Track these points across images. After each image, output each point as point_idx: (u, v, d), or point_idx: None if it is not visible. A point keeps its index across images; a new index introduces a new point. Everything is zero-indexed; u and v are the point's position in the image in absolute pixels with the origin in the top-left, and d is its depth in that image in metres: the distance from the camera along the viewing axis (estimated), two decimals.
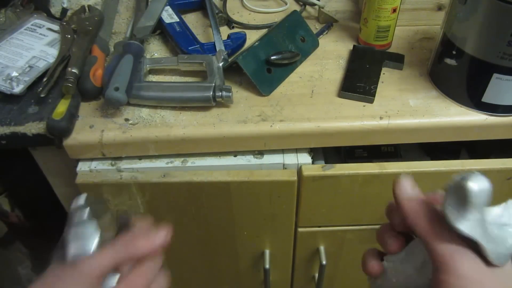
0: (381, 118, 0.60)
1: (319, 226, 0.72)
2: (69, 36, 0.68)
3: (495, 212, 0.30)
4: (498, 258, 0.27)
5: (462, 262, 0.27)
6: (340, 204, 0.67)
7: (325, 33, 0.74)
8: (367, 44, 0.70)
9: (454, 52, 0.58)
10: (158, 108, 0.62)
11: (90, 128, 0.59)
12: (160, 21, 0.72)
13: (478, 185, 0.27)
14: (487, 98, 0.58)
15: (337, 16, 0.78)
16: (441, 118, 0.60)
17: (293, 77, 0.67)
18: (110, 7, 0.78)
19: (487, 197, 0.27)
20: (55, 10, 0.79)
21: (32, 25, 0.72)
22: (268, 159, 0.63)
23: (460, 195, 0.27)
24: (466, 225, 0.27)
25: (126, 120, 0.60)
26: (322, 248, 0.76)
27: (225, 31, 0.74)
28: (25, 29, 0.71)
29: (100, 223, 0.36)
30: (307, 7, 0.80)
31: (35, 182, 0.75)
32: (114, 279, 0.35)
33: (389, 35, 0.69)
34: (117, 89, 0.57)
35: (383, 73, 0.67)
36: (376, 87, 0.63)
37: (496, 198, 0.72)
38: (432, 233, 0.29)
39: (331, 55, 0.71)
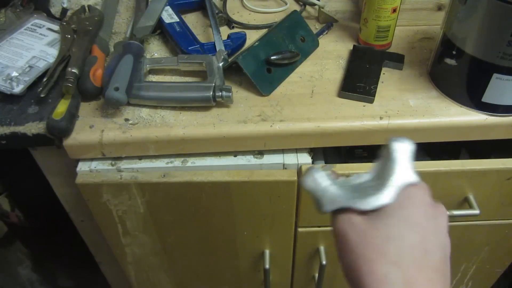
0: (381, 118, 0.60)
1: (319, 226, 0.72)
2: (69, 36, 0.68)
3: (356, 180, 0.36)
4: (366, 204, 0.32)
5: (335, 228, 0.33)
6: None
7: (325, 33, 0.74)
8: (367, 44, 0.70)
9: (454, 52, 0.58)
10: (158, 108, 0.62)
11: (90, 128, 0.59)
12: (160, 21, 0.72)
13: (307, 181, 0.35)
14: (487, 98, 0.58)
15: (337, 16, 0.78)
16: (441, 118, 0.60)
17: (293, 77, 0.67)
18: (110, 7, 0.78)
19: (319, 180, 0.34)
20: (55, 10, 0.79)
21: (32, 25, 0.72)
22: (268, 159, 0.63)
23: (311, 196, 0.35)
24: (325, 200, 0.34)
25: (126, 120, 0.60)
26: (322, 248, 0.76)
27: (225, 31, 0.74)
28: (25, 29, 0.71)
29: None
30: (307, 7, 0.80)
31: (35, 182, 0.75)
32: None
33: (389, 35, 0.69)
34: (117, 89, 0.57)
35: (383, 73, 0.67)
36: (376, 87, 0.63)
37: (496, 198, 0.72)
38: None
39: (331, 55, 0.71)
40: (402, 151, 0.34)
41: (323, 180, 0.35)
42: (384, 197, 0.32)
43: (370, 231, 0.31)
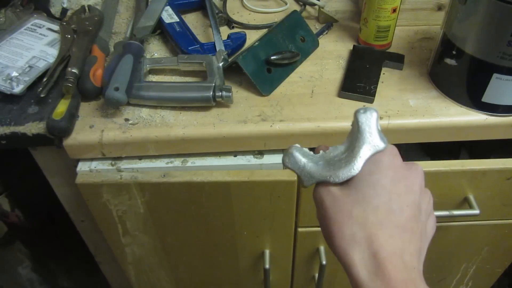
0: (381, 118, 0.60)
1: (319, 226, 0.72)
2: (69, 36, 0.68)
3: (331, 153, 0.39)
4: (338, 178, 0.36)
5: (314, 199, 0.38)
6: None
7: (325, 33, 0.74)
8: (367, 44, 0.70)
9: (454, 52, 0.58)
10: (158, 108, 0.62)
11: (90, 128, 0.59)
12: (160, 21, 0.72)
13: (287, 161, 0.38)
14: (487, 98, 0.58)
15: (337, 16, 0.78)
16: (441, 118, 0.60)
17: (293, 77, 0.67)
18: (110, 7, 0.78)
19: (297, 159, 0.38)
20: (55, 10, 0.79)
21: (32, 25, 0.72)
22: (268, 159, 0.63)
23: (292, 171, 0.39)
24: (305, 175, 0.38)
25: (126, 120, 0.60)
26: (322, 248, 0.76)
27: (225, 31, 0.74)
28: (25, 29, 0.71)
29: None
30: (307, 7, 0.80)
31: (35, 182, 0.75)
32: None
33: (389, 35, 0.69)
34: (117, 89, 0.57)
35: (383, 73, 0.67)
36: (376, 87, 0.63)
37: (496, 198, 0.72)
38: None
39: (331, 55, 0.71)
40: (367, 120, 0.36)
41: (300, 159, 0.38)
42: (353, 169, 0.35)
43: (341, 198, 0.35)
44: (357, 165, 0.35)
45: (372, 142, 0.36)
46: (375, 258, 0.31)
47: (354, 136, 0.37)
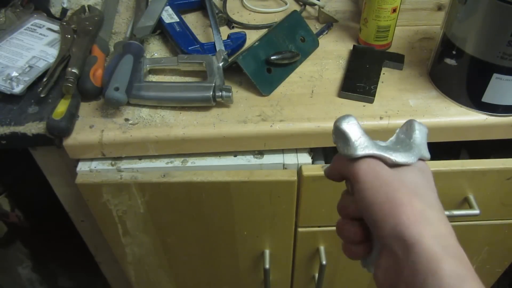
0: (381, 118, 0.60)
1: (319, 226, 0.72)
2: (69, 36, 0.68)
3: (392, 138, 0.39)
4: (397, 157, 0.35)
5: (362, 171, 0.35)
6: None
7: (325, 33, 0.74)
8: (367, 44, 0.70)
9: (454, 52, 0.58)
10: (158, 108, 0.62)
11: (90, 128, 0.59)
12: (160, 21, 0.72)
13: (345, 123, 0.36)
14: (487, 98, 0.58)
15: (337, 16, 0.78)
16: (441, 118, 0.60)
17: (293, 77, 0.67)
18: (110, 7, 0.78)
19: (355, 127, 0.36)
20: (55, 10, 0.79)
21: (32, 25, 0.72)
22: (268, 159, 0.63)
23: (338, 135, 0.37)
24: (356, 149, 0.36)
25: (126, 120, 0.60)
26: (322, 248, 0.76)
27: (225, 31, 0.74)
28: (25, 29, 0.71)
29: None
30: (307, 7, 0.80)
31: (35, 182, 0.75)
32: None
33: (389, 35, 0.69)
34: (117, 89, 0.57)
35: (383, 73, 0.67)
36: (376, 87, 0.63)
37: (496, 198, 0.72)
38: (343, 167, 0.37)
39: (331, 55, 0.71)
40: (422, 130, 0.38)
41: (359, 128, 0.36)
42: (411, 156, 0.35)
43: (400, 175, 0.34)
44: (415, 156, 0.35)
45: (423, 147, 0.37)
46: (446, 239, 0.31)
47: (406, 137, 0.38)
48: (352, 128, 0.36)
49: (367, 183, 0.34)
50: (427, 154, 0.37)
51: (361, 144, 0.35)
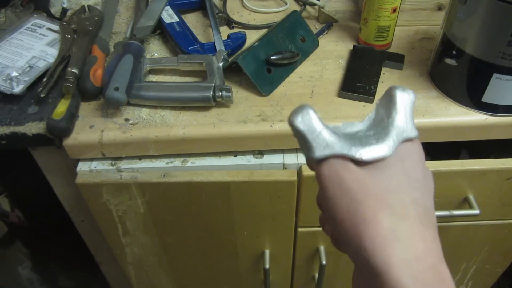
0: None
1: (319, 226, 0.72)
2: (69, 36, 0.68)
3: (355, 127, 0.33)
4: (366, 154, 0.29)
5: (323, 176, 0.30)
6: None
7: (325, 33, 0.74)
8: (367, 44, 0.70)
9: (454, 52, 0.58)
10: (158, 108, 0.62)
11: (90, 128, 0.59)
12: (160, 21, 0.72)
13: (299, 119, 0.30)
14: (487, 98, 0.58)
15: (337, 16, 0.78)
16: (441, 118, 0.60)
17: (293, 77, 0.67)
18: (110, 7, 0.78)
19: (312, 121, 0.30)
20: (55, 10, 0.79)
21: (32, 25, 0.72)
22: (268, 159, 0.63)
23: (294, 132, 0.31)
24: (315, 149, 0.30)
25: (126, 120, 0.60)
26: (322, 248, 0.76)
27: (225, 31, 0.74)
28: (25, 29, 0.71)
29: None
30: (307, 7, 0.80)
31: (35, 182, 0.75)
32: None
33: (389, 35, 0.69)
34: (117, 89, 0.57)
35: (383, 73, 0.67)
36: (376, 87, 0.63)
37: (496, 198, 0.72)
38: (312, 167, 0.32)
39: (331, 55, 0.71)
40: (405, 101, 0.31)
41: (316, 122, 0.30)
42: (385, 148, 0.29)
43: (369, 180, 0.28)
44: (390, 146, 0.29)
45: (406, 126, 0.31)
46: (420, 263, 0.26)
47: (386, 114, 0.31)
48: (308, 124, 0.30)
49: (329, 190, 0.29)
50: (412, 133, 0.31)
51: (320, 143, 0.29)
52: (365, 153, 0.29)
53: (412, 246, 0.26)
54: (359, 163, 0.29)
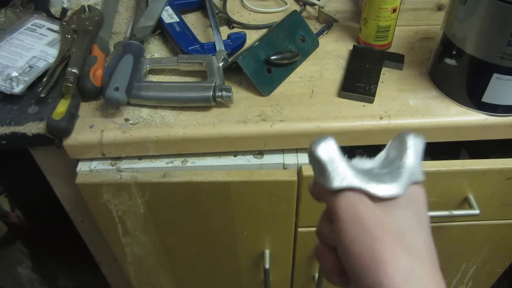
0: (381, 118, 0.60)
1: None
2: (69, 36, 0.68)
3: (370, 163, 0.34)
4: (381, 190, 0.30)
5: (341, 209, 0.30)
6: None
7: (325, 33, 0.74)
8: (367, 44, 0.70)
9: (454, 52, 0.58)
10: (158, 108, 0.62)
11: (90, 128, 0.59)
12: (160, 21, 0.72)
13: (322, 149, 0.31)
14: (487, 98, 0.58)
15: (337, 16, 0.78)
16: (441, 118, 0.60)
17: (293, 77, 0.67)
18: (110, 7, 0.78)
19: (332, 152, 0.31)
20: (55, 10, 0.79)
21: (32, 25, 0.72)
22: (268, 159, 0.63)
23: (313, 160, 0.32)
24: (334, 180, 0.30)
25: (126, 120, 0.60)
26: None
27: (225, 31, 0.74)
28: (25, 29, 0.71)
29: None
30: (307, 7, 0.80)
31: (35, 182, 0.75)
32: None
33: (389, 35, 0.69)
34: (117, 89, 0.57)
35: (383, 73, 0.67)
36: (376, 87, 0.63)
37: (496, 198, 0.72)
38: (323, 194, 0.32)
39: (331, 55, 0.71)
40: (416, 146, 0.33)
41: (337, 153, 0.31)
42: (399, 188, 0.30)
43: (385, 217, 0.29)
44: (404, 186, 0.30)
45: (415, 170, 0.32)
46: None
47: (397, 156, 0.33)
48: (329, 154, 0.31)
49: (346, 224, 0.29)
50: (420, 177, 0.32)
51: (339, 174, 0.30)
52: (381, 189, 0.30)
53: (427, 287, 0.27)
54: (373, 198, 0.30)
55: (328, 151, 0.31)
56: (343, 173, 0.30)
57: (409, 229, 0.29)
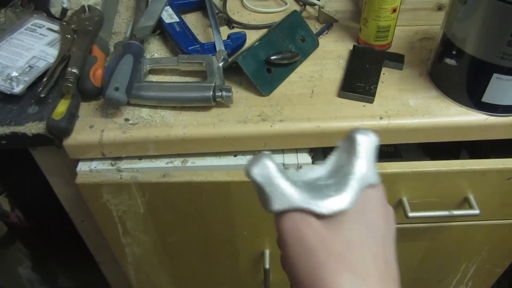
0: (381, 118, 0.60)
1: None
2: (69, 36, 0.68)
3: (311, 174, 0.32)
4: (325, 208, 0.28)
5: (284, 232, 0.29)
6: None
7: (325, 33, 0.74)
8: (367, 44, 0.70)
9: (454, 52, 0.58)
10: (158, 108, 0.62)
11: (90, 128, 0.59)
12: (160, 21, 0.72)
13: (256, 171, 0.29)
14: (487, 98, 0.58)
15: (337, 16, 0.78)
16: (441, 118, 0.60)
17: (293, 77, 0.67)
18: (110, 7, 0.78)
19: (270, 172, 0.29)
20: (55, 10, 0.79)
21: (32, 25, 0.72)
22: None
23: (253, 183, 0.30)
24: (273, 204, 0.29)
25: (126, 120, 0.60)
26: None
27: (225, 31, 0.74)
28: (25, 29, 0.71)
29: None
30: (307, 7, 0.80)
31: (35, 182, 0.75)
32: None
33: (389, 35, 0.69)
34: (117, 89, 0.57)
35: (383, 73, 0.67)
36: (376, 87, 0.63)
37: (496, 198, 0.72)
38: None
39: (331, 55, 0.71)
40: (366, 145, 0.30)
41: (274, 172, 0.29)
42: (345, 200, 0.28)
43: (330, 236, 0.28)
44: (350, 197, 0.28)
45: (367, 172, 0.30)
46: None
47: (346, 160, 0.30)
48: (265, 175, 0.29)
49: (289, 247, 0.28)
50: (373, 179, 0.30)
51: (277, 195, 0.28)
52: (325, 206, 0.28)
53: None
54: (318, 216, 0.28)
55: (264, 171, 0.29)
56: (283, 193, 0.28)
57: (355, 245, 0.28)
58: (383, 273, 0.27)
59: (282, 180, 0.29)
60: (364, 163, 0.30)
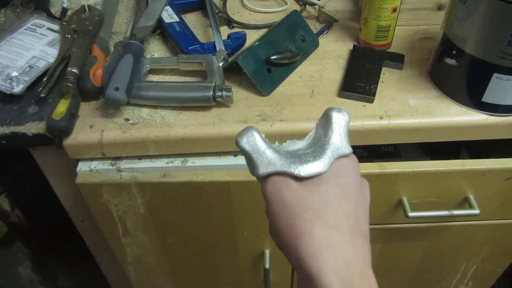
0: (381, 118, 0.60)
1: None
2: (69, 36, 0.68)
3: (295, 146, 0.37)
4: (303, 171, 0.32)
5: (267, 193, 0.33)
6: None
7: (325, 33, 0.74)
8: (367, 44, 0.70)
9: (454, 52, 0.58)
10: (158, 108, 0.62)
11: (90, 128, 0.59)
12: (160, 21, 0.72)
13: (245, 140, 0.34)
14: (487, 98, 0.58)
15: (337, 16, 0.78)
16: (441, 118, 0.60)
17: (293, 77, 0.67)
18: (110, 7, 0.78)
19: (256, 141, 0.34)
20: (55, 10, 0.79)
21: (32, 25, 0.72)
22: None
23: (241, 152, 0.34)
24: (258, 165, 0.34)
25: (126, 120, 0.60)
26: None
27: (225, 31, 0.74)
28: (25, 29, 0.71)
29: None
30: (307, 7, 0.80)
31: (35, 182, 0.75)
32: None
33: (389, 35, 0.69)
34: (117, 89, 0.57)
35: (383, 73, 0.67)
36: (376, 87, 0.63)
37: (496, 198, 0.72)
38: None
39: (331, 55, 0.71)
40: (340, 121, 0.35)
41: (260, 142, 0.34)
42: (321, 165, 0.33)
43: (307, 194, 0.32)
44: (326, 163, 0.33)
45: (341, 144, 0.34)
46: (349, 268, 0.29)
47: (323, 134, 0.35)
48: (252, 144, 0.33)
49: (272, 206, 0.32)
50: (346, 150, 0.34)
51: (263, 161, 0.33)
52: (303, 169, 0.32)
53: (342, 254, 0.29)
54: (298, 179, 0.33)
55: (251, 141, 0.34)
56: (267, 159, 0.33)
57: (330, 203, 0.31)
58: (353, 226, 0.31)
59: (266, 148, 0.34)
60: (337, 136, 0.34)
